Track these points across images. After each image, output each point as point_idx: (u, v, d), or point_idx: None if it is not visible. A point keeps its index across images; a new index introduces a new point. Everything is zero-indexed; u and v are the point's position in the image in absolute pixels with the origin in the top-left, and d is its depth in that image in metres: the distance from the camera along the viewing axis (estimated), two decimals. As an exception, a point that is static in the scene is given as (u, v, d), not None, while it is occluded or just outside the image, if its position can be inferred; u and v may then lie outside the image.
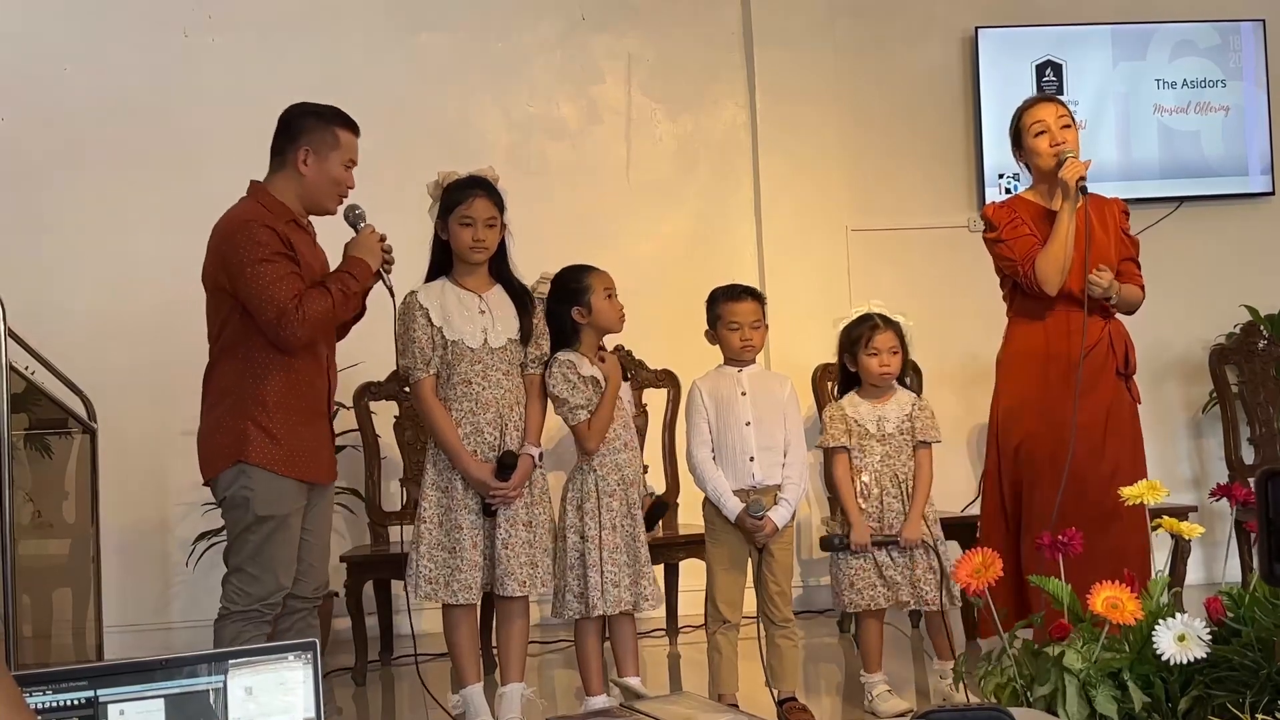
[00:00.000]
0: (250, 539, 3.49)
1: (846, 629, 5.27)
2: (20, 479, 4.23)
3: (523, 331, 3.88)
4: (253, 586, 3.48)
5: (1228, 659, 2.45)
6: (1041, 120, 4.02)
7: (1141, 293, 4.11)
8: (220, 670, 1.69)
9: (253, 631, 3.47)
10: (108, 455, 4.73)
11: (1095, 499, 3.79)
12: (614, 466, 3.90)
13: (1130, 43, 6.12)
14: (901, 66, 6.15)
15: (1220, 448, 5.91)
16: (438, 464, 3.83)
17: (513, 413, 3.84)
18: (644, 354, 5.52)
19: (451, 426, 3.78)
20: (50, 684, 1.64)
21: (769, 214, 6.01)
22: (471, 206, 3.82)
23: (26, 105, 5.57)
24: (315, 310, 3.46)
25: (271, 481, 3.47)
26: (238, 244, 3.44)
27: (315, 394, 3.60)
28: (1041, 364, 4.00)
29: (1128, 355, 4.05)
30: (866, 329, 4.13)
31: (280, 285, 3.42)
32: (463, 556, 3.75)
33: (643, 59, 6.06)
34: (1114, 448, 3.96)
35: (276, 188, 3.60)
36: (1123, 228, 4.13)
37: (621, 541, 3.86)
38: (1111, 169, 5.91)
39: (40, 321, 4.70)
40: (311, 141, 3.57)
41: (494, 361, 3.83)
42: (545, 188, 5.83)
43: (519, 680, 3.84)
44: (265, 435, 3.46)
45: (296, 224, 3.59)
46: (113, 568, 4.96)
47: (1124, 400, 4.03)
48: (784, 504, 4.00)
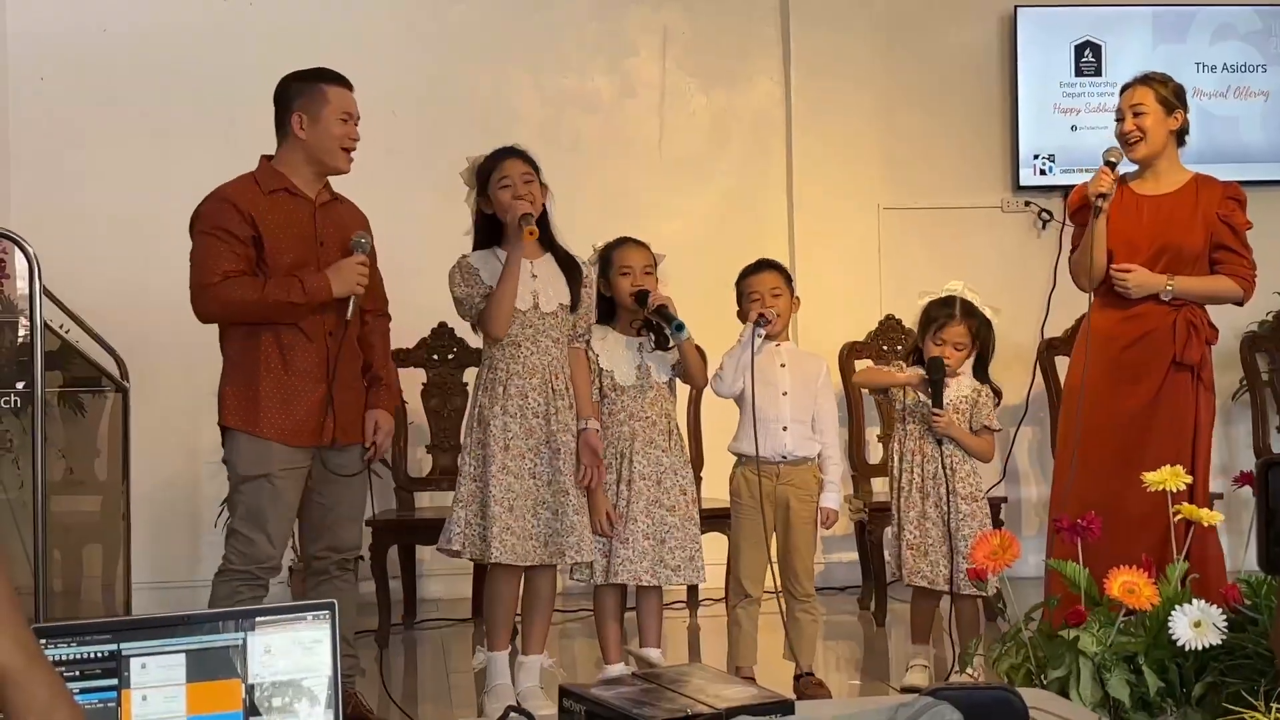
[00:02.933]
0: (239, 500, 3.58)
1: (867, 605, 5.28)
2: (54, 436, 4.30)
3: (573, 299, 3.86)
4: (247, 547, 3.55)
5: (1243, 646, 2.45)
6: (1119, 108, 4.01)
7: (1235, 282, 3.99)
8: (241, 628, 1.72)
9: (248, 593, 3.54)
10: (139, 414, 4.78)
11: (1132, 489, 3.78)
12: (617, 438, 3.90)
13: (1170, 25, 6.06)
14: (939, 45, 6.11)
15: (1249, 435, 5.88)
16: (490, 421, 3.75)
17: (558, 381, 3.80)
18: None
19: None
20: (75, 636, 1.67)
21: (801, 191, 6.00)
22: (504, 168, 3.81)
23: (65, 66, 5.61)
24: (233, 295, 3.51)
25: (250, 443, 3.55)
26: (200, 213, 3.58)
27: (305, 361, 3.59)
28: (1100, 344, 3.95)
29: (1186, 345, 3.92)
30: (944, 316, 4.06)
31: (210, 260, 3.51)
32: (515, 517, 3.71)
33: (678, 32, 6.05)
34: (1159, 440, 3.88)
35: (281, 160, 3.67)
36: (1221, 213, 3.99)
37: (641, 514, 3.88)
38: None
39: (75, 281, 4.76)
40: (302, 105, 3.62)
41: (544, 327, 3.80)
42: (577, 162, 5.83)
43: (540, 652, 3.85)
44: (244, 399, 3.55)
45: (289, 192, 3.62)
46: (142, 525, 5.02)
47: (1179, 391, 3.93)
48: (831, 487, 4.04)
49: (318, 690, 1.73)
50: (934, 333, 4.06)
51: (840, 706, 1.88)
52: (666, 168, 5.99)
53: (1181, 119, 4.05)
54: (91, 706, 1.65)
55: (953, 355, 4.05)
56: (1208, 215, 3.99)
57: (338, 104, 3.64)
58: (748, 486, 4.01)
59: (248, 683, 1.71)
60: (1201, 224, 3.99)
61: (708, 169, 6.03)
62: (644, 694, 1.82)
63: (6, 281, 4.43)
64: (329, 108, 3.62)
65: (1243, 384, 5.90)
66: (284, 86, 3.69)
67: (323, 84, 3.65)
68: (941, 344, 4.05)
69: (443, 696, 4.00)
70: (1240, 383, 5.92)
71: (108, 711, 1.67)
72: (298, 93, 3.64)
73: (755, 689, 1.91)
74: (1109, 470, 3.85)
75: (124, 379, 4.65)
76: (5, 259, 4.42)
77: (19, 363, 4.08)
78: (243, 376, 3.57)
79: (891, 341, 5.68)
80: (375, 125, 5.72)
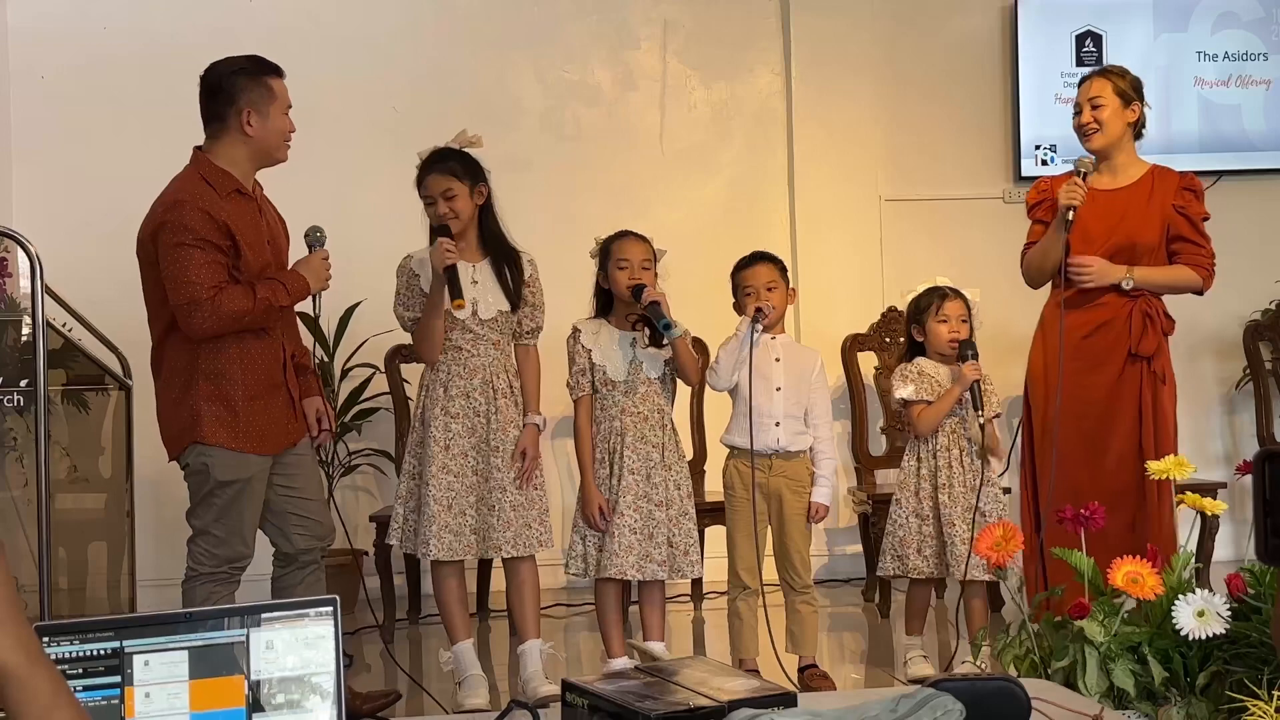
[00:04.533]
0: (214, 503, 3.53)
1: (871, 597, 5.28)
2: (57, 434, 4.31)
3: (510, 301, 3.89)
4: (220, 548, 3.53)
5: (1247, 635, 2.45)
6: (1075, 99, 4.02)
7: (1194, 272, 4.00)
8: (243, 624, 1.73)
9: (223, 591, 3.53)
10: (142, 412, 4.78)
11: (1097, 476, 3.84)
12: (608, 434, 3.93)
13: (1172, 14, 6.05)
14: (940, 35, 6.10)
15: (1253, 424, 5.88)
16: (430, 423, 3.84)
17: (499, 380, 3.87)
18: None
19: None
20: (78, 634, 1.67)
21: (802, 183, 5.99)
22: (425, 185, 3.85)
23: (66, 64, 5.61)
24: (231, 307, 3.41)
25: (226, 455, 3.50)
26: (167, 225, 3.42)
27: (268, 365, 3.57)
28: (1055, 335, 3.97)
29: (1143, 336, 3.95)
30: (936, 297, 4.12)
31: (200, 273, 3.38)
32: (454, 515, 3.82)
33: (679, 24, 6.04)
34: (1120, 429, 3.93)
35: (221, 155, 3.56)
36: (1177, 204, 4.01)
37: (628, 508, 3.89)
38: (1150, 142, 5.79)
39: (77, 279, 4.76)
40: (250, 100, 3.53)
41: (483, 332, 3.88)
42: (578, 154, 5.83)
43: (535, 637, 3.91)
44: (219, 413, 3.48)
45: (240, 193, 3.54)
46: (146, 522, 5.02)
47: (1133, 381, 3.96)
48: (823, 481, 4.05)
49: (321, 685, 1.74)
50: (934, 313, 4.08)
51: (843, 698, 1.88)
52: (668, 159, 5.99)
53: (1139, 111, 4.08)
54: (95, 704, 1.65)
55: (960, 329, 4.08)
56: (1164, 208, 4.01)
57: (283, 97, 3.60)
58: (740, 478, 4.02)
59: (251, 679, 1.72)
60: (1158, 217, 4.00)
61: (709, 161, 6.02)
62: (647, 687, 1.82)
63: (8, 280, 4.43)
64: (276, 103, 3.57)
65: (1246, 373, 5.90)
66: (225, 76, 3.55)
67: (267, 78, 3.57)
68: (945, 320, 4.07)
69: (446, 691, 4.02)
70: (1243, 372, 5.92)
71: (111, 708, 1.67)
72: (244, 87, 3.53)
73: (758, 681, 1.90)
74: (1077, 458, 3.90)
75: (127, 376, 4.66)
76: (7, 258, 4.42)
77: (22, 361, 4.09)
78: (213, 387, 3.48)
79: (894, 333, 5.67)
80: (377, 119, 5.77)
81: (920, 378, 4.09)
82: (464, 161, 3.85)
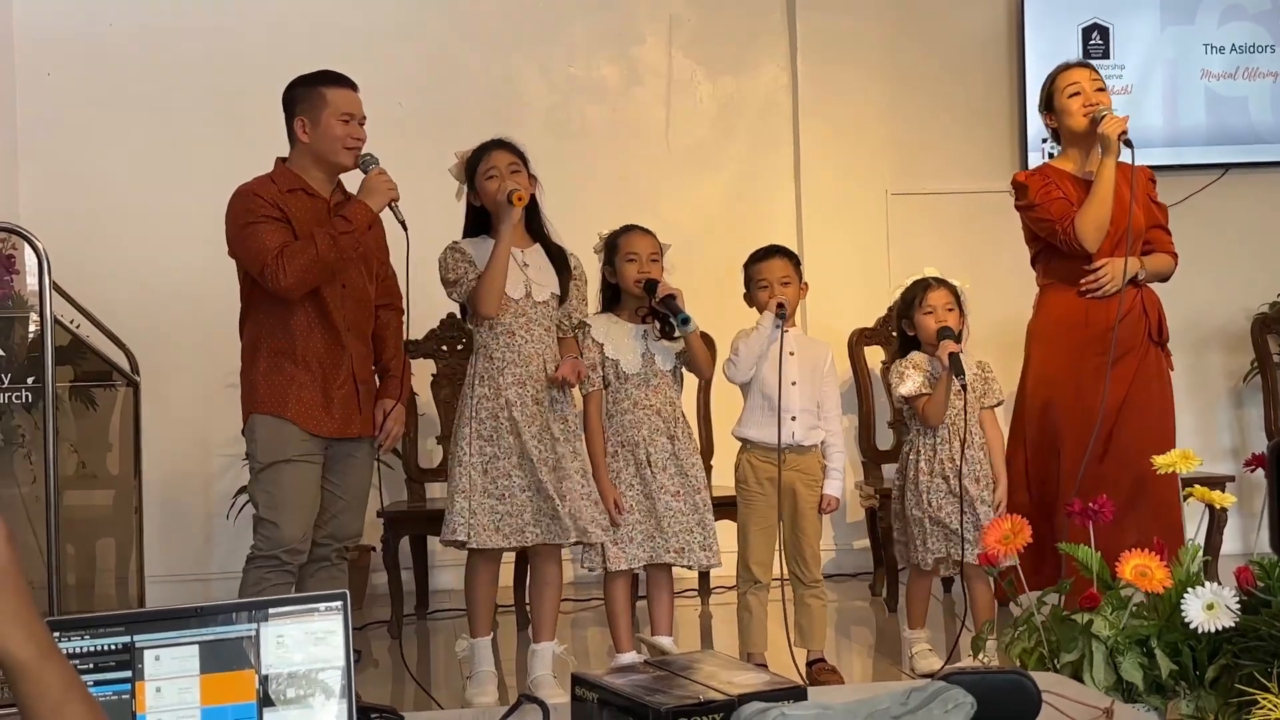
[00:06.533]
0: (262, 486, 3.65)
1: (879, 591, 5.28)
2: (65, 431, 4.31)
3: (561, 290, 3.90)
4: (272, 532, 3.62)
5: (1256, 628, 2.44)
6: (1076, 83, 4.01)
7: (1173, 260, 4.13)
8: (254, 619, 1.73)
9: (275, 579, 3.60)
10: (150, 408, 4.79)
11: (1117, 467, 3.84)
12: (622, 427, 3.92)
13: (1179, 6, 6.03)
14: (945, 29, 6.09)
15: (1261, 418, 5.86)
16: (479, 411, 3.80)
17: (551, 368, 3.84)
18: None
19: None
20: (88, 629, 1.68)
21: (808, 177, 5.98)
22: (490, 158, 3.84)
23: (72, 62, 5.61)
24: (299, 260, 3.56)
25: (273, 426, 3.63)
26: (232, 213, 3.68)
27: (319, 350, 3.68)
28: (1080, 331, 3.99)
29: (1160, 322, 4.05)
30: (920, 289, 4.11)
31: (262, 240, 3.58)
32: (510, 503, 3.76)
33: (684, 20, 6.04)
34: (1138, 416, 3.95)
35: (293, 163, 3.77)
36: (1150, 195, 4.12)
37: (634, 500, 3.89)
38: (1157, 134, 5.85)
39: (85, 275, 4.78)
40: (303, 110, 3.71)
41: (536, 315, 3.85)
42: (584, 150, 5.83)
43: (550, 639, 3.88)
44: (268, 384, 3.64)
45: (305, 192, 3.70)
46: (155, 519, 5.03)
47: (1153, 367, 4.03)
48: (834, 473, 4.06)
49: (331, 681, 1.74)
50: (919, 306, 4.07)
51: (852, 692, 1.88)
52: (674, 155, 5.98)
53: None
54: (106, 699, 1.66)
55: (946, 316, 4.04)
56: (1141, 196, 4.06)
57: (336, 105, 3.70)
58: (753, 472, 4.03)
59: (261, 674, 1.72)
60: (1142, 204, 4.07)
61: (715, 156, 6.02)
62: (656, 681, 1.82)
63: (16, 277, 4.43)
64: (328, 110, 3.69)
65: (1254, 366, 5.89)
66: (287, 92, 3.77)
67: (321, 87, 3.71)
68: (930, 310, 4.06)
69: (455, 686, 4.02)
70: (1251, 364, 5.90)
71: (122, 703, 1.67)
72: (299, 98, 3.73)
73: (767, 675, 1.90)
74: (1095, 454, 3.89)
75: (135, 373, 4.66)
76: (15, 255, 4.42)
77: (30, 358, 4.09)
78: (266, 361, 3.66)
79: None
80: (383, 116, 5.73)
81: (915, 371, 4.09)
82: (518, 149, 3.90)
